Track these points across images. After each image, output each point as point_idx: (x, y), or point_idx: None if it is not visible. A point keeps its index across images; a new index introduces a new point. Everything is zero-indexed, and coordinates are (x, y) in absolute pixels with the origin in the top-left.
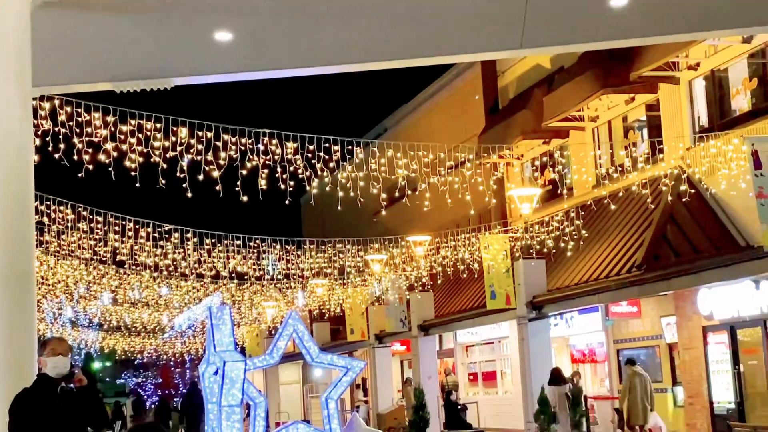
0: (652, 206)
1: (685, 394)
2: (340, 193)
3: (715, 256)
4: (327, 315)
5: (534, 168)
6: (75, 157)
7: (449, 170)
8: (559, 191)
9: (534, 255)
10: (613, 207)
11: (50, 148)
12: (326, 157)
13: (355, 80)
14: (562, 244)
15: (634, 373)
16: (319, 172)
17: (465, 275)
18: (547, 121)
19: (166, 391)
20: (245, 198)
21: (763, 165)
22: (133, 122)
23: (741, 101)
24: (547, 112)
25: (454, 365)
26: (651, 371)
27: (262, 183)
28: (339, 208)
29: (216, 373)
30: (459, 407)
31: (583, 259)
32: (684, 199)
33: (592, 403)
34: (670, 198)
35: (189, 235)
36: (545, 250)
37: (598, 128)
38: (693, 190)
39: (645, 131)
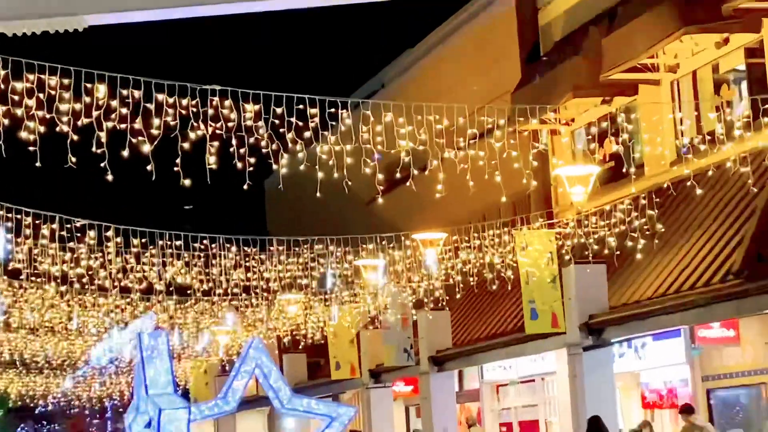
0: (755, 189)
1: None
2: (320, 174)
3: None
4: (303, 343)
5: (590, 137)
6: None
7: (471, 141)
8: (624, 170)
9: (590, 258)
10: (699, 191)
11: None
12: (300, 123)
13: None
14: (630, 244)
15: (692, 427)
16: (290, 145)
17: (495, 287)
18: (608, 73)
19: None
20: (187, 182)
21: None
22: (31, 77)
23: None
24: (607, 60)
25: (480, 412)
26: (754, 420)
27: (211, 161)
28: (318, 194)
29: (149, 425)
30: None
31: (658, 264)
32: None
33: None
34: None
35: (110, 233)
36: (606, 251)
37: (679, 82)
38: None
39: (744, 85)
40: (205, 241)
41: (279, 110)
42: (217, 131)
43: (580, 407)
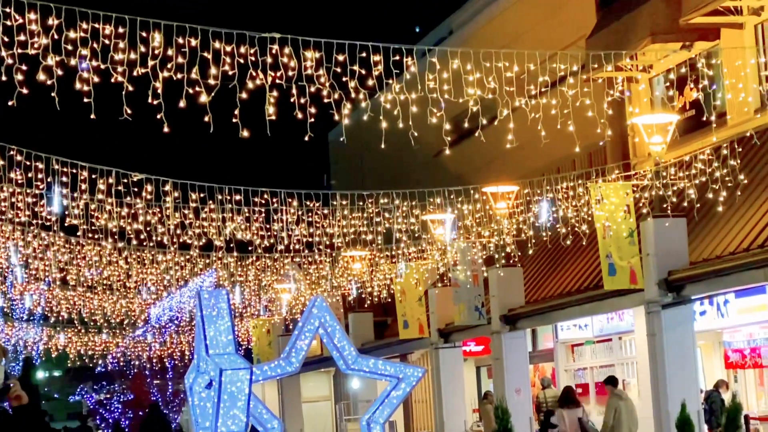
0: None
1: None
2: (384, 125)
3: None
4: (369, 301)
5: (668, 85)
6: (3, 77)
7: (543, 90)
8: (705, 118)
9: (670, 211)
10: None
11: None
12: (363, 72)
13: None
14: (711, 196)
15: (615, 397)
16: (354, 95)
17: (569, 242)
18: (688, 16)
19: (141, 413)
20: (246, 133)
21: None
22: (85, 26)
23: None
24: (688, 3)
25: (555, 373)
26: None
27: (271, 111)
28: (383, 146)
29: (209, 386)
30: None
31: (741, 216)
32: None
33: (756, 427)
34: None
35: (167, 187)
36: (686, 204)
37: (763, 25)
38: None
39: None
40: (265, 196)
41: (341, 58)
42: (277, 81)
43: (659, 367)
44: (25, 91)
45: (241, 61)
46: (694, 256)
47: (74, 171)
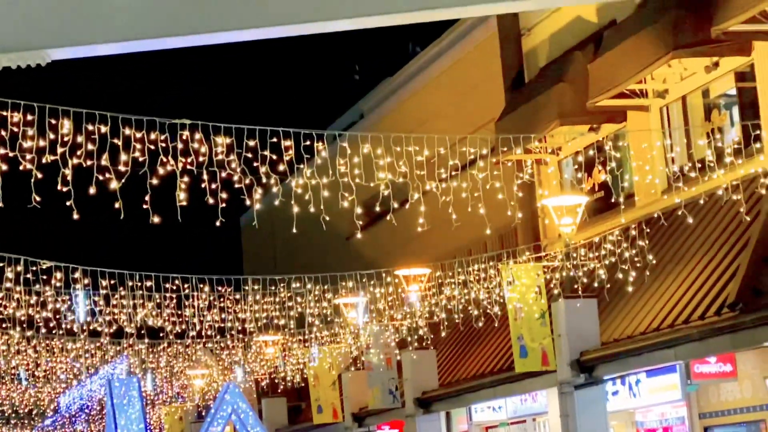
0: (748, 218)
1: None
2: (296, 209)
3: None
4: (282, 386)
5: (577, 167)
6: None
7: (454, 173)
8: (613, 199)
9: (581, 292)
10: (690, 221)
11: None
12: (274, 157)
13: (315, 45)
14: (621, 276)
15: None
16: (264, 179)
17: (481, 324)
18: (595, 99)
19: None
20: (157, 219)
21: None
22: None
23: None
24: (594, 86)
25: None
26: None
27: (182, 197)
28: (294, 230)
29: None
30: None
31: (650, 297)
32: None
33: None
34: None
35: (77, 275)
36: (596, 284)
37: (668, 108)
38: None
39: (735, 110)
40: (176, 281)
41: (252, 143)
42: (188, 166)
43: None
44: None
45: (152, 147)
46: (606, 337)
47: None
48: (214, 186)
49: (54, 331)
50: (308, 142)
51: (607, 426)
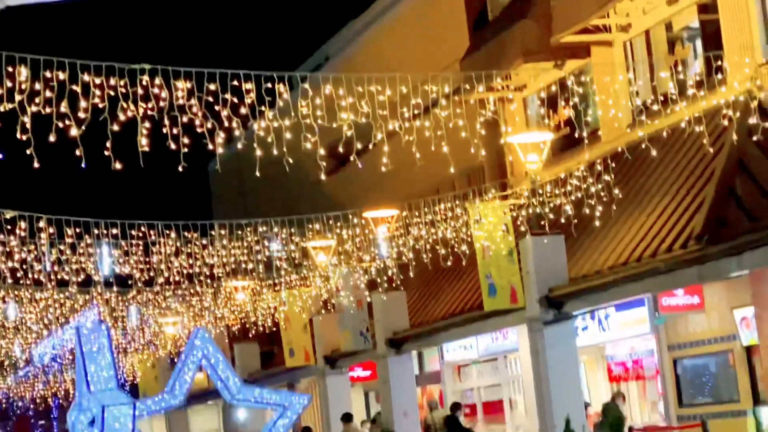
0: (711, 150)
1: None
2: (259, 153)
3: None
4: (253, 331)
5: (542, 103)
6: None
7: (419, 113)
8: (577, 135)
9: (547, 229)
10: (654, 154)
11: None
12: (236, 100)
13: None
14: (587, 211)
15: None
16: (227, 123)
17: (450, 263)
18: (559, 35)
19: None
20: (119, 165)
21: None
22: None
23: None
24: (558, 22)
25: (442, 394)
26: (724, 387)
27: (144, 143)
28: (257, 173)
29: (92, 423)
30: None
31: (617, 231)
32: (756, 137)
33: None
34: (736, 137)
35: (42, 224)
36: (563, 220)
37: (632, 42)
38: (766, 124)
39: (698, 43)
40: (142, 228)
41: (213, 86)
42: (149, 112)
43: (543, 384)
44: None
45: (111, 93)
46: (574, 272)
47: None
48: (176, 131)
49: (21, 282)
50: (270, 85)
51: (577, 361)
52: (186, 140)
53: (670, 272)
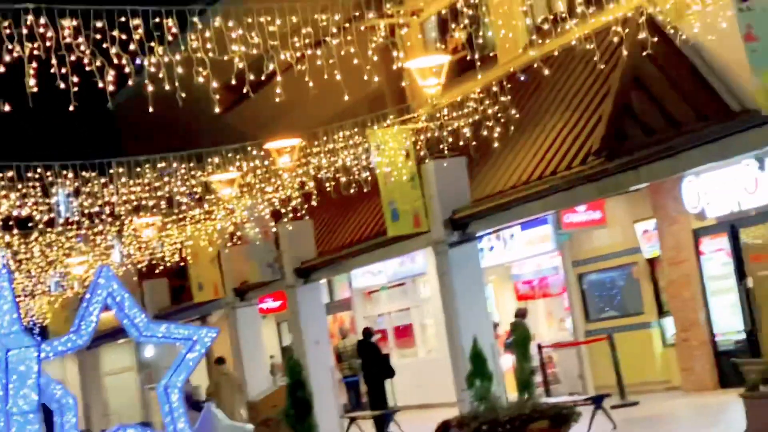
0: (604, 67)
1: (676, 328)
2: (150, 88)
3: (701, 128)
4: (161, 268)
5: (438, 27)
6: None
7: (309, 45)
8: (469, 57)
9: (447, 152)
10: (547, 73)
11: None
12: (124, 37)
13: None
14: (486, 133)
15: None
16: (116, 61)
17: (353, 191)
18: None
19: None
20: (7, 107)
21: None
22: None
23: None
24: None
25: (353, 321)
26: (628, 300)
27: (32, 83)
28: (150, 109)
29: None
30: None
31: (518, 152)
32: (648, 52)
33: (549, 354)
34: (625, 53)
35: None
36: (462, 143)
37: None
38: (657, 38)
39: None
40: (39, 170)
41: (100, 24)
42: (35, 52)
43: (450, 306)
44: None
45: None
46: (477, 194)
47: None
48: (63, 71)
49: None
50: (157, 20)
51: (482, 281)
52: (76, 79)
53: (570, 189)
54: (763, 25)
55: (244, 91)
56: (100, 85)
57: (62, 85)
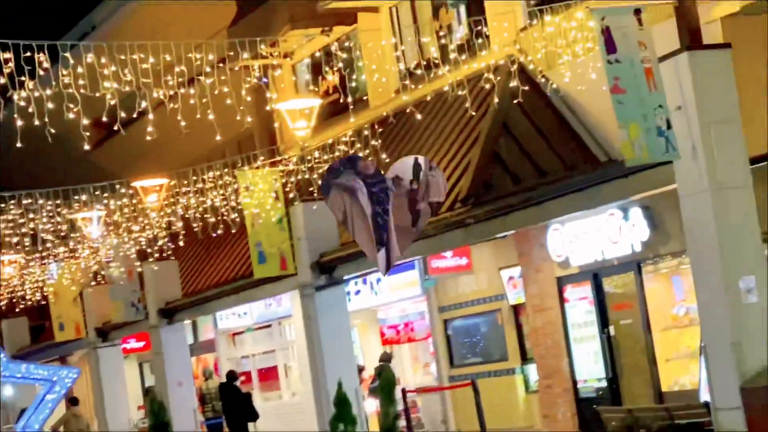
0: (473, 113)
1: (539, 375)
2: (19, 123)
3: (567, 178)
4: (22, 306)
5: (310, 70)
6: None
7: (181, 80)
8: (342, 100)
9: (317, 195)
10: (419, 117)
11: None
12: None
13: None
14: None
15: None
16: None
17: (221, 232)
18: (325, 2)
19: None
20: None
21: (618, 47)
22: None
23: None
24: None
25: (217, 363)
26: (493, 346)
27: None
28: (19, 144)
29: None
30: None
31: None
32: (518, 100)
33: (414, 399)
34: (496, 100)
35: None
36: None
37: (397, 8)
38: (528, 87)
39: (462, 8)
40: None
41: None
42: None
43: (316, 349)
44: None
45: None
46: (345, 237)
47: None
48: None
49: None
50: (28, 54)
51: (349, 325)
52: None
53: (437, 235)
54: (630, 78)
55: (115, 128)
56: None
57: None
